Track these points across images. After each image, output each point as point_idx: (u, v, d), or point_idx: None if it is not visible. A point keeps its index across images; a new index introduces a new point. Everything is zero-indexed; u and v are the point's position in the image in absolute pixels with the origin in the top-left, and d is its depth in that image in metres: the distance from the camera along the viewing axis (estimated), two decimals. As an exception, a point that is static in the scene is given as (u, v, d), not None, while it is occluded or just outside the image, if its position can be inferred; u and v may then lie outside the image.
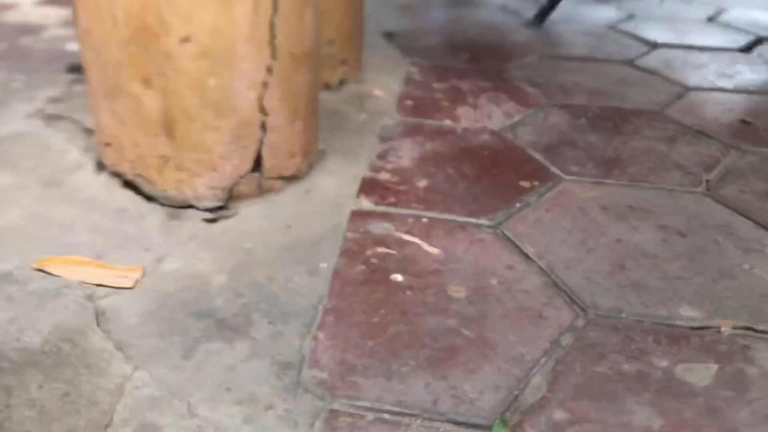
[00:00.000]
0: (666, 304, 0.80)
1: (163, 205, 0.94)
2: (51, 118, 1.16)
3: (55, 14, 1.77)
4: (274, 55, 0.90)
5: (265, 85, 0.90)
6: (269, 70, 0.90)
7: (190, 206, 0.94)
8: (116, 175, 0.97)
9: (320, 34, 1.01)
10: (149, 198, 0.95)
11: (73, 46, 1.52)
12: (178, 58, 0.85)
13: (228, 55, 0.86)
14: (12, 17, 1.72)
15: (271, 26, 0.88)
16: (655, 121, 1.32)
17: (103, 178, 0.99)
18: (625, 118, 1.33)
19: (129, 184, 0.96)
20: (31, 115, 1.17)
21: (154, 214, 0.92)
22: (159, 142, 0.90)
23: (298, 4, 0.90)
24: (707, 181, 1.09)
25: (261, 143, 0.94)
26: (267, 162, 0.96)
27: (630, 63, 1.68)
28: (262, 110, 0.92)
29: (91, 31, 0.88)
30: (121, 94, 0.89)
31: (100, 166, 1.01)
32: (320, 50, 1.02)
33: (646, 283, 0.83)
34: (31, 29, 1.64)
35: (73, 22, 1.04)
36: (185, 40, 0.84)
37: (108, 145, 0.96)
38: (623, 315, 0.77)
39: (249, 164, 0.94)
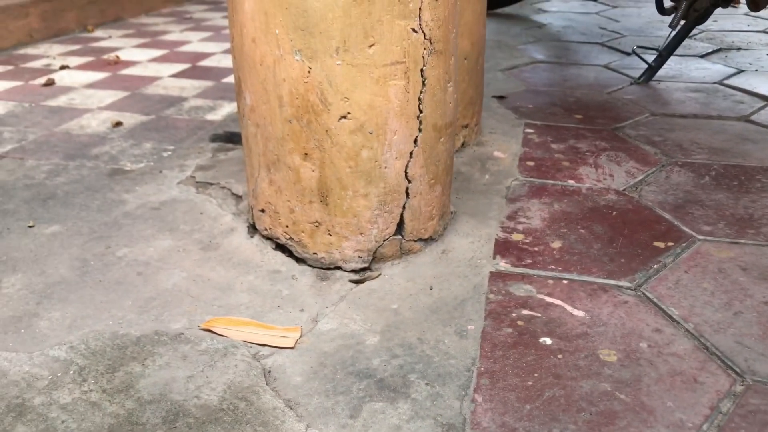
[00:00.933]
0: (826, 371, 0.78)
1: (312, 266, 1.01)
2: (202, 185, 1.27)
3: (191, 86, 1.94)
4: (420, 127, 0.96)
5: (410, 154, 0.97)
6: (415, 140, 0.96)
7: (338, 268, 1.00)
8: (268, 238, 1.05)
9: (458, 105, 1.07)
10: (299, 260, 1.02)
11: (212, 116, 1.66)
12: (336, 134, 0.92)
13: (380, 129, 0.93)
14: (154, 90, 1.89)
15: (419, 102, 0.94)
16: (785, 179, 1.30)
17: (256, 241, 1.07)
18: (750, 176, 1.31)
19: (280, 247, 1.04)
20: (183, 182, 1.29)
21: (305, 276, 0.99)
22: (313, 209, 0.98)
23: (443, 79, 0.97)
24: None
25: (404, 208, 0.99)
26: (408, 225, 1.01)
27: (746, 119, 1.66)
28: (407, 177, 0.98)
29: (255, 108, 0.97)
30: (281, 166, 0.97)
31: (252, 230, 1.09)
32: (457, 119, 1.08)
33: (802, 349, 0.82)
34: (173, 101, 1.79)
35: (237, 101, 1.14)
36: (343, 116, 0.91)
37: (263, 211, 1.04)
38: (782, 381, 0.77)
39: (392, 228, 1.00)
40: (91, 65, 2.16)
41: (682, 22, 2.00)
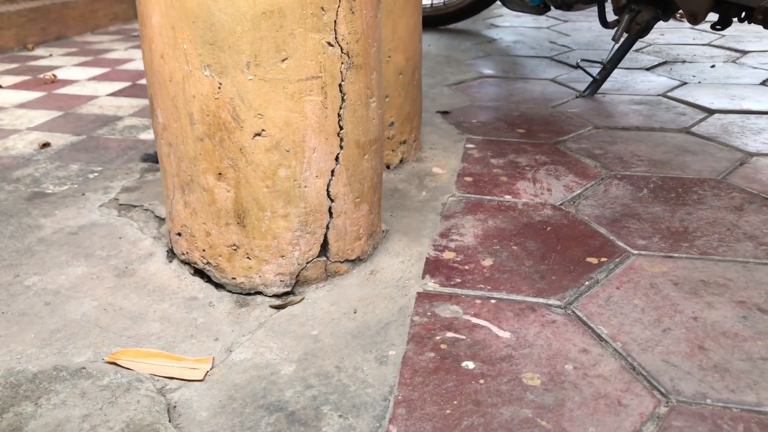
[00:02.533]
0: (753, 388, 0.76)
1: (231, 292, 0.96)
2: (124, 208, 1.21)
3: (128, 104, 1.88)
4: (341, 144, 0.92)
5: (332, 172, 0.93)
6: (336, 158, 0.93)
7: (258, 293, 0.95)
8: (186, 263, 1.00)
9: (384, 121, 1.03)
10: (218, 285, 0.97)
11: (146, 136, 1.60)
12: (251, 152, 0.88)
13: (298, 147, 0.89)
14: (89, 109, 1.83)
15: (339, 118, 0.91)
16: (719, 189, 1.29)
17: (174, 266, 1.02)
18: (687, 188, 1.31)
19: (199, 272, 0.99)
20: (105, 204, 1.23)
21: (223, 302, 0.94)
22: (230, 232, 0.93)
23: (364, 95, 0.93)
24: (783, 253, 1.05)
25: (327, 228, 0.95)
26: (333, 246, 0.97)
27: (687, 131, 1.66)
28: (329, 196, 0.94)
29: (167, 127, 0.93)
30: (195, 186, 0.93)
31: (171, 255, 1.04)
32: (384, 135, 1.04)
33: (730, 365, 0.80)
34: (107, 120, 1.73)
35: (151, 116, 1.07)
36: (258, 134, 0.87)
37: (179, 234, 0.99)
38: (708, 401, 0.74)
39: (316, 249, 0.96)
40: (26, 84, 2.08)
41: (625, 35, 2.01)
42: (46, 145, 1.53)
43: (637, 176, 1.37)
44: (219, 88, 0.85)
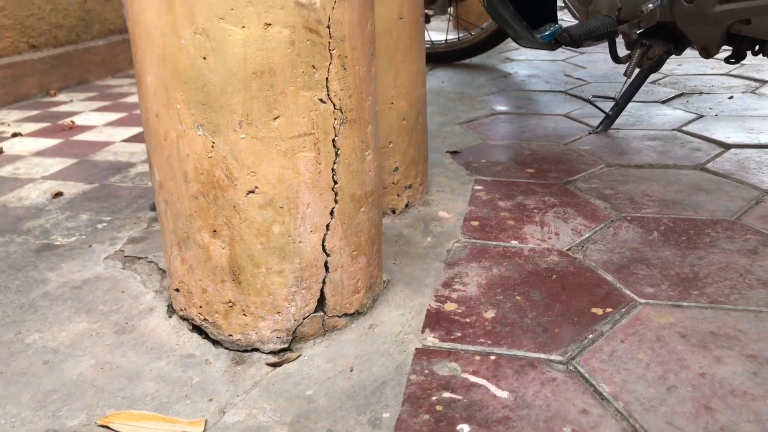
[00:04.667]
0: (762, 453, 0.72)
1: (228, 349, 0.95)
2: (129, 260, 1.22)
3: (141, 149, 1.90)
4: (336, 198, 0.92)
5: (327, 227, 0.92)
6: (332, 212, 0.92)
7: (255, 350, 0.94)
8: (185, 319, 1.00)
9: (381, 172, 1.03)
10: (215, 342, 0.96)
11: (153, 183, 1.62)
12: (245, 209, 0.88)
13: (292, 203, 0.89)
14: (104, 156, 1.86)
15: (333, 172, 0.91)
16: (733, 231, 1.26)
17: (173, 321, 1.01)
18: (700, 230, 1.27)
19: (197, 328, 0.99)
20: (111, 256, 1.24)
21: (220, 360, 0.93)
22: (225, 288, 0.93)
23: (359, 148, 0.93)
24: (798, 300, 1.02)
25: (324, 283, 0.95)
26: (330, 301, 0.96)
27: (701, 167, 1.63)
28: (325, 251, 0.93)
29: (164, 184, 0.93)
30: (191, 243, 0.93)
31: (171, 310, 1.04)
32: (382, 185, 1.04)
33: (737, 428, 0.76)
34: (120, 167, 1.76)
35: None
36: (251, 191, 0.87)
37: (177, 290, 0.99)
38: (714, 468, 0.71)
39: (312, 305, 0.95)
40: (45, 131, 2.13)
41: (637, 70, 1.99)
42: (58, 194, 1.55)
43: (648, 218, 1.34)
44: (212, 146, 0.86)
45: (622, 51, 2.12)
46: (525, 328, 0.97)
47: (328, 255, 0.94)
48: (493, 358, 0.91)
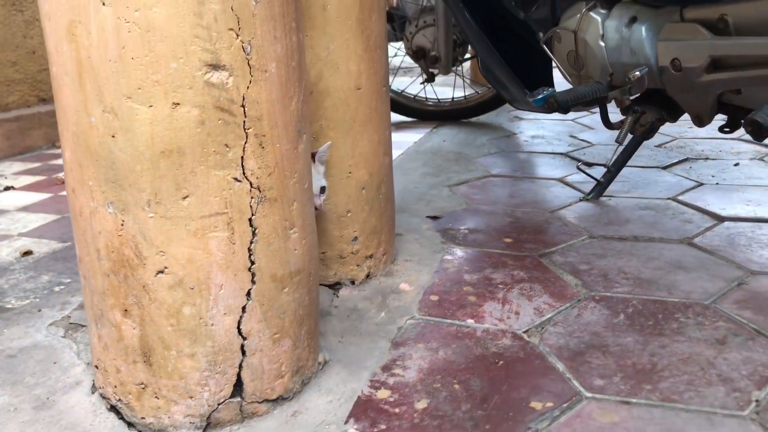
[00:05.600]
0: None
1: (141, 432, 0.91)
2: (72, 327, 1.20)
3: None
4: (253, 279, 0.88)
5: (243, 309, 0.89)
6: (248, 294, 0.88)
7: (168, 434, 0.90)
8: (104, 397, 0.96)
9: (315, 249, 0.99)
10: (130, 425, 0.92)
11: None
12: (154, 290, 0.85)
13: (203, 284, 0.85)
14: (81, 214, 1.87)
15: (249, 252, 0.87)
16: (704, 317, 1.18)
17: (95, 398, 0.98)
18: (669, 314, 1.20)
19: (114, 408, 0.95)
20: (56, 323, 1.22)
21: (131, 443, 0.89)
22: (137, 370, 0.89)
23: (281, 227, 0.90)
24: (757, 401, 0.93)
25: (240, 367, 0.90)
26: (248, 386, 0.92)
27: (688, 242, 1.55)
28: (241, 334, 0.89)
29: (81, 260, 0.91)
30: (105, 321, 0.90)
31: (95, 386, 1.00)
32: (317, 265, 1.00)
33: None
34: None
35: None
36: (160, 271, 0.84)
37: (96, 367, 0.96)
38: None
39: (228, 390, 0.90)
40: (38, 185, 2.16)
41: (630, 136, 1.93)
42: (27, 253, 1.56)
43: (617, 298, 1.27)
44: (122, 225, 0.84)
45: (616, 116, 2.08)
46: (455, 422, 0.91)
47: (244, 338, 0.90)
48: (410, 457, 0.85)
